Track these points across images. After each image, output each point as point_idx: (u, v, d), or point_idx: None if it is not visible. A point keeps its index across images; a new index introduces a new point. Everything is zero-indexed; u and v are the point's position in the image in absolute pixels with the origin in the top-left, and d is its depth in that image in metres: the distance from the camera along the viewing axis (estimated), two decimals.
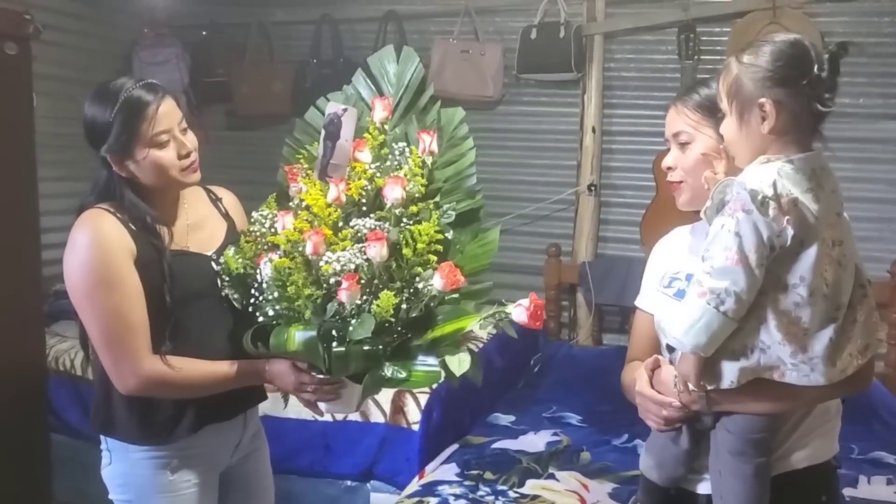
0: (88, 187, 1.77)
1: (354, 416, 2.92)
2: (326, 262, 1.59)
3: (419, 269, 1.62)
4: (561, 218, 4.22)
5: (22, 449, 3.03)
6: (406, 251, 1.61)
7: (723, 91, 1.41)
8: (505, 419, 3.11)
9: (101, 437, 1.82)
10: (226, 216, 1.91)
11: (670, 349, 1.54)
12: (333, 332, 1.59)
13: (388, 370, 1.62)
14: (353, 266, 1.59)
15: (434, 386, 2.97)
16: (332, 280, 1.59)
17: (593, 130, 4.06)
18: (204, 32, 4.50)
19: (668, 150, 1.59)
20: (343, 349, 1.59)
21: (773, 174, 1.32)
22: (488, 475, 2.55)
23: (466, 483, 2.51)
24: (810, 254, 1.33)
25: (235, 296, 1.75)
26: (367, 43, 4.26)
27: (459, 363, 1.61)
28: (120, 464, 1.79)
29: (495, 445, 2.81)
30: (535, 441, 2.86)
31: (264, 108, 4.42)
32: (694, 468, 1.56)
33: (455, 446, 2.82)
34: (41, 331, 3.25)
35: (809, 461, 1.52)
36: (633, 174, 4.09)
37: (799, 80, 1.34)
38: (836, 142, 1.39)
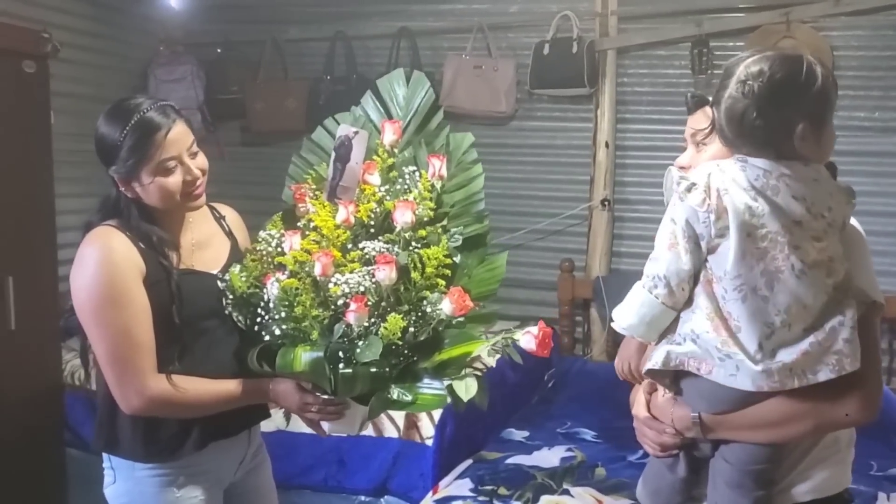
0: (97, 204, 1.78)
1: (368, 431, 2.92)
2: (335, 284, 1.59)
3: (427, 292, 1.62)
4: (574, 233, 4.22)
5: (38, 464, 3.04)
6: (414, 275, 1.61)
7: (718, 130, 1.44)
8: (519, 434, 3.10)
9: (105, 456, 1.81)
10: (229, 234, 1.92)
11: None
12: (340, 354, 1.59)
13: (395, 392, 1.62)
14: (361, 288, 1.59)
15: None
16: (339, 302, 1.59)
17: (606, 145, 4.06)
18: (219, 50, 4.54)
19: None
20: (350, 371, 1.59)
21: (715, 166, 1.36)
22: (502, 491, 2.54)
23: (480, 499, 2.50)
24: (734, 248, 1.30)
25: (238, 315, 1.75)
26: (381, 59, 4.29)
27: (466, 389, 1.61)
28: (124, 482, 1.78)
29: (509, 461, 2.80)
30: (550, 457, 2.85)
31: (278, 125, 4.44)
32: (693, 496, 1.49)
33: (469, 461, 2.81)
34: (57, 346, 3.26)
35: (815, 494, 1.43)
36: (646, 189, 4.08)
37: (725, 90, 1.36)
38: (852, 155, 1.39)
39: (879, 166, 3.65)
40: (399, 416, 2.90)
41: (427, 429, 2.89)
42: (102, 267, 1.64)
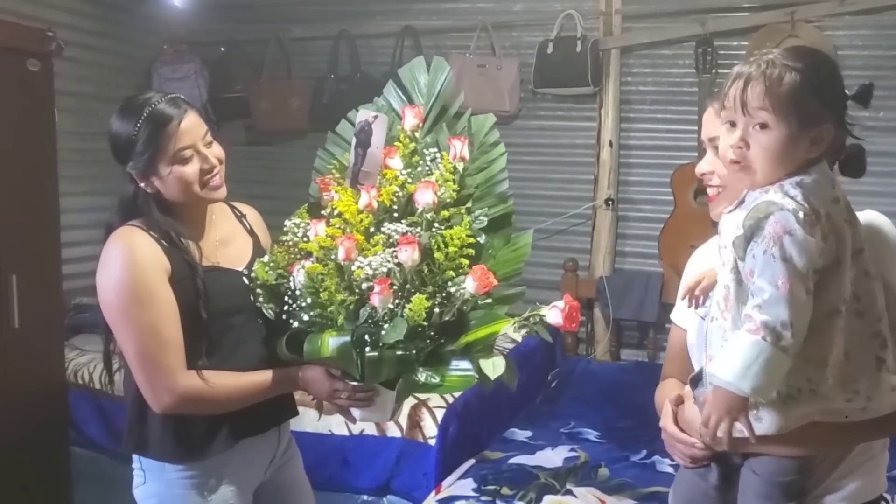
0: (115, 204, 1.77)
1: (371, 431, 2.92)
2: (358, 267, 1.59)
3: (451, 273, 1.61)
4: (578, 232, 4.21)
5: (42, 462, 3.05)
6: (438, 255, 1.61)
7: (776, 97, 1.24)
8: (522, 434, 3.09)
9: (134, 456, 1.80)
10: (251, 232, 1.92)
11: (694, 383, 1.45)
12: (366, 338, 1.59)
13: (422, 375, 1.62)
14: (384, 270, 1.59)
15: (450, 400, 2.97)
16: (364, 285, 1.59)
17: (610, 145, 4.05)
18: (222, 49, 4.54)
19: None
20: (376, 354, 1.59)
21: (796, 191, 1.23)
22: (505, 490, 2.54)
23: (483, 498, 2.49)
24: (847, 271, 1.24)
25: (270, 306, 1.74)
26: (385, 58, 4.30)
27: (494, 367, 1.60)
28: (155, 483, 1.77)
29: (512, 461, 2.80)
30: (553, 457, 2.85)
31: (282, 124, 4.45)
32: (727, 502, 1.46)
33: (472, 461, 2.81)
34: (61, 344, 3.27)
35: (850, 502, 1.40)
36: (650, 188, 4.07)
37: (845, 103, 1.28)
38: None
39: (884, 166, 3.64)
40: (402, 415, 2.90)
41: (430, 428, 2.89)
42: (127, 267, 1.64)
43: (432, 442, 2.87)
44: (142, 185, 1.71)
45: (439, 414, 2.90)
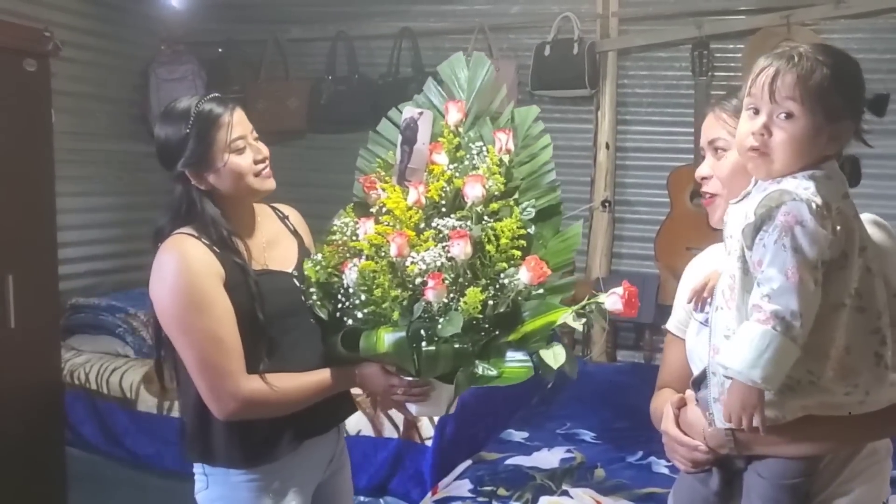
0: (165, 211, 1.75)
1: (368, 432, 2.92)
2: (412, 263, 1.60)
3: (503, 265, 1.62)
4: None
5: (38, 463, 3.04)
6: (489, 248, 1.62)
7: (807, 89, 1.25)
8: (518, 435, 3.10)
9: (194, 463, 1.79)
10: (294, 233, 1.91)
11: (697, 385, 1.44)
12: (422, 332, 1.59)
13: (479, 367, 1.62)
14: (438, 265, 1.60)
15: None
16: (417, 280, 1.60)
17: (607, 147, 4.06)
18: (220, 49, 4.54)
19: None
20: (433, 349, 1.59)
21: (810, 184, 1.23)
22: (502, 491, 2.54)
23: (480, 499, 2.50)
24: (853, 266, 1.24)
25: (322, 304, 1.75)
26: (382, 60, 4.30)
27: (555, 356, 1.61)
28: (219, 487, 1.76)
29: (509, 461, 2.80)
30: (549, 457, 2.85)
31: (280, 125, 4.44)
32: None
33: (468, 462, 2.81)
34: (57, 344, 3.27)
35: None
36: (646, 190, 4.08)
37: (863, 104, 1.30)
38: None
39: (881, 168, 3.65)
40: (399, 416, 2.90)
41: (427, 429, 2.89)
42: (182, 275, 1.63)
43: (429, 443, 2.88)
44: (194, 182, 1.70)
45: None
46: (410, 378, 1.68)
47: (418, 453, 2.87)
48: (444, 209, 1.71)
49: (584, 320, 1.63)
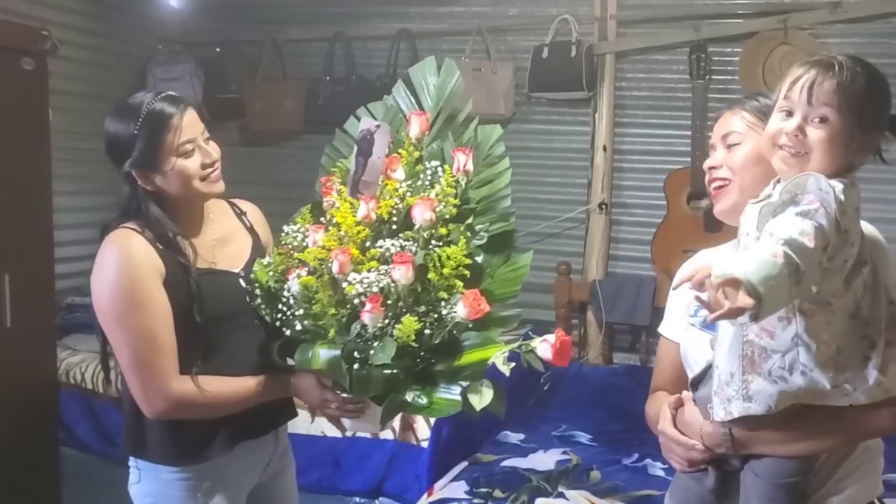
0: (114, 206, 1.76)
1: (364, 433, 2.92)
2: (349, 283, 1.56)
3: (444, 293, 1.57)
4: (571, 236, 4.22)
5: (32, 462, 3.04)
6: (432, 275, 1.56)
7: (845, 96, 1.29)
8: (514, 437, 3.10)
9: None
10: (251, 230, 1.90)
11: (695, 385, 1.47)
12: (356, 354, 1.56)
13: (410, 395, 1.58)
14: (376, 288, 1.55)
15: None
16: (356, 300, 1.56)
17: (604, 149, 4.06)
18: (217, 49, 4.53)
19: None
20: (364, 372, 1.56)
21: (839, 186, 1.26)
22: (497, 493, 2.54)
23: (475, 501, 2.50)
24: (847, 272, 1.27)
25: (266, 310, 1.72)
26: (380, 61, 4.30)
27: (481, 398, 1.55)
28: (150, 483, 1.76)
29: (505, 463, 2.80)
30: (545, 459, 2.85)
31: (277, 125, 4.45)
32: None
33: (464, 464, 2.81)
34: (52, 344, 3.26)
35: None
36: (643, 193, 4.08)
37: (887, 112, 1.33)
38: None
39: (880, 173, 3.64)
40: (395, 418, 2.90)
41: (423, 430, 2.89)
42: (122, 270, 1.63)
43: (425, 444, 2.87)
44: (140, 183, 1.69)
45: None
46: (345, 395, 1.66)
47: (414, 455, 2.87)
48: (394, 227, 1.65)
49: (512, 364, 1.56)
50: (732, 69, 3.84)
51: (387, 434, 2.91)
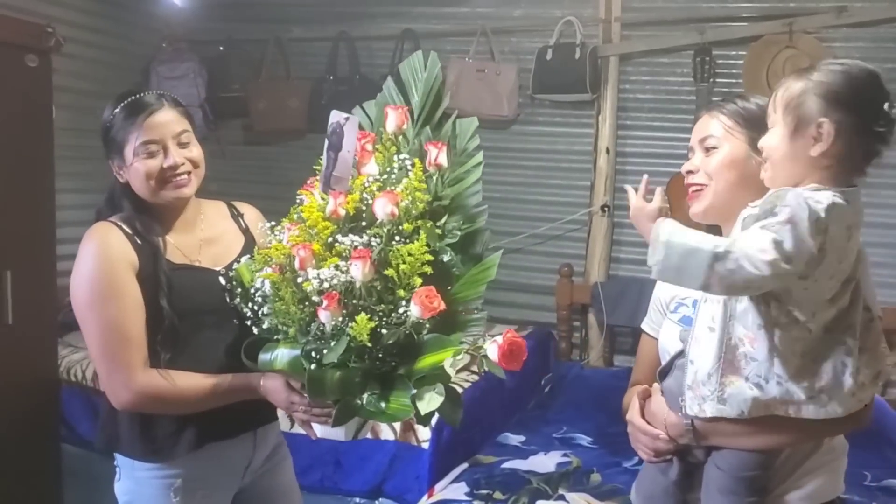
0: (104, 197, 1.80)
1: (365, 433, 2.91)
2: (305, 280, 1.50)
3: (402, 292, 1.49)
4: (574, 238, 4.22)
5: (33, 459, 3.04)
6: (389, 271, 1.49)
7: (780, 103, 1.33)
8: (515, 439, 3.10)
9: (115, 454, 1.81)
10: (245, 231, 1.90)
11: (662, 375, 1.50)
12: (313, 354, 1.52)
13: (366, 399, 1.52)
14: (335, 284, 1.48)
15: None
16: (315, 298, 1.50)
17: (607, 151, 4.06)
18: (221, 48, 4.54)
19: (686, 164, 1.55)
20: (318, 372, 1.51)
21: (828, 200, 1.25)
22: (498, 495, 2.54)
23: (476, 502, 2.50)
24: (822, 288, 1.28)
25: (244, 308, 1.70)
26: (384, 61, 4.30)
27: (428, 402, 1.48)
28: (127, 480, 1.78)
29: (505, 465, 2.80)
30: (546, 462, 2.85)
31: (280, 124, 4.45)
32: (687, 501, 1.49)
33: (465, 465, 2.81)
34: (55, 341, 3.26)
35: (809, 501, 1.44)
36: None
37: (867, 111, 1.28)
38: None
39: (879, 178, 3.64)
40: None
41: (423, 431, 2.89)
42: (96, 262, 1.65)
43: (426, 445, 2.87)
44: (115, 173, 1.73)
45: (434, 417, 2.89)
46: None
47: (415, 456, 2.87)
48: (363, 223, 1.57)
49: (460, 366, 1.51)
50: (737, 72, 3.84)
51: (388, 435, 2.91)
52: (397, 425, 2.90)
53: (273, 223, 1.71)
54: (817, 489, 1.44)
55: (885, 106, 1.28)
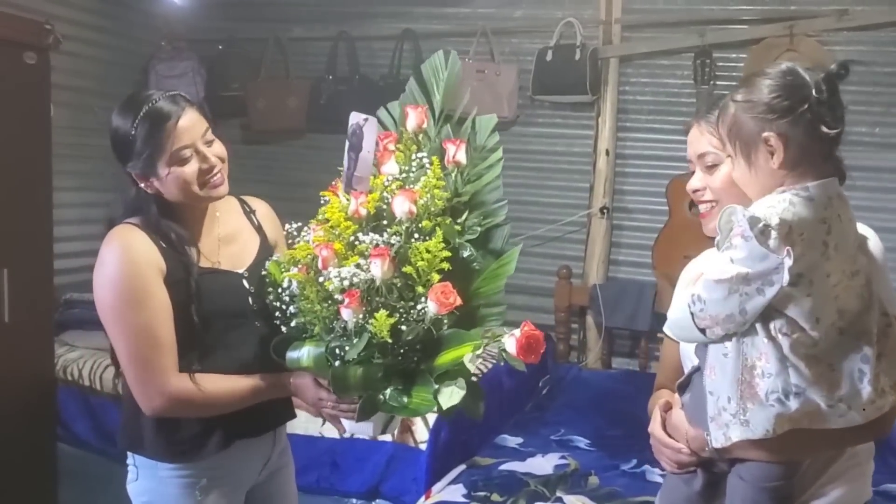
0: (120, 202, 1.75)
1: (362, 434, 2.90)
2: (326, 279, 1.53)
3: (421, 289, 1.53)
4: (573, 240, 4.22)
5: (29, 459, 3.03)
6: (408, 269, 1.52)
7: (724, 133, 1.35)
8: (513, 441, 3.09)
9: (128, 453, 1.79)
10: (258, 229, 1.89)
11: (681, 389, 1.48)
12: (336, 351, 1.55)
13: (388, 394, 1.55)
14: (356, 282, 1.52)
15: None
16: (338, 296, 1.53)
17: (607, 153, 4.06)
18: (221, 47, 4.53)
19: (692, 172, 1.52)
20: (341, 368, 1.54)
21: (784, 202, 1.25)
22: (495, 497, 2.53)
23: None
24: (820, 290, 1.26)
25: (277, 307, 1.69)
26: (384, 61, 4.30)
27: (449, 397, 1.52)
28: (147, 480, 1.76)
29: (503, 467, 2.79)
30: (543, 464, 2.84)
31: (279, 124, 4.44)
32: None
33: (462, 467, 2.80)
34: (51, 340, 3.25)
35: None
36: (645, 198, 4.08)
37: (798, 107, 1.26)
38: (851, 170, 1.35)
39: (879, 182, 3.65)
40: (395, 423, 2.89)
41: (421, 433, 2.88)
42: (122, 266, 1.62)
43: (423, 447, 2.86)
44: (141, 185, 1.69)
45: (431, 419, 2.89)
46: None
47: (412, 457, 2.86)
48: (384, 222, 1.61)
49: (479, 361, 1.55)
50: (737, 75, 3.83)
51: (385, 436, 2.90)
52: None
53: (300, 224, 1.71)
54: (842, 497, 1.43)
55: (813, 93, 1.26)
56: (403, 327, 1.51)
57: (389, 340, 1.50)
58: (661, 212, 3.92)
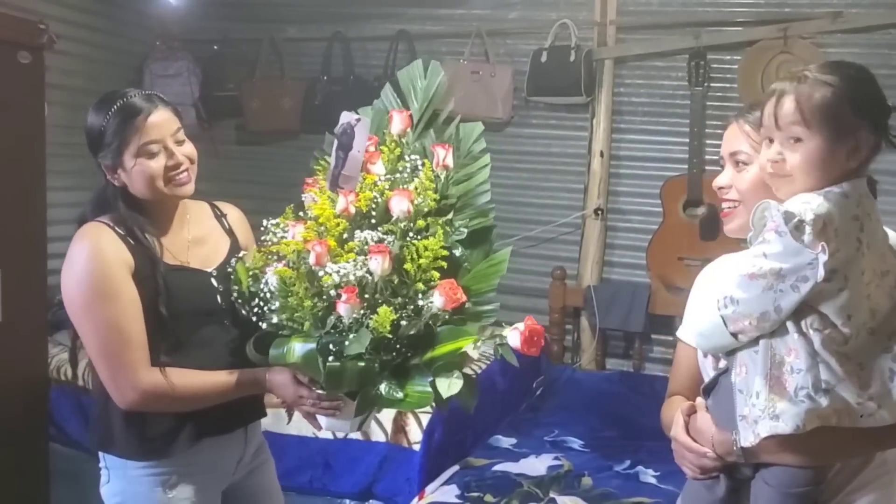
0: (91, 197, 1.79)
1: (355, 434, 2.90)
2: (326, 274, 1.56)
3: (420, 285, 1.58)
4: (567, 241, 4.22)
5: (21, 459, 3.02)
6: (408, 266, 1.57)
7: (807, 111, 1.29)
8: (506, 442, 3.09)
9: (100, 455, 1.80)
10: (229, 232, 1.91)
11: (707, 392, 1.47)
12: (331, 346, 1.57)
13: (384, 388, 1.58)
14: (353, 278, 1.56)
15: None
16: (332, 292, 1.56)
17: (601, 155, 4.06)
18: (215, 47, 4.53)
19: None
20: (337, 364, 1.56)
21: (818, 198, 1.26)
22: (488, 498, 2.54)
23: None
24: (854, 287, 1.26)
25: (244, 305, 1.73)
26: (378, 61, 4.30)
27: (449, 386, 1.57)
28: (118, 481, 1.78)
29: (496, 468, 2.79)
30: (537, 465, 2.84)
31: (274, 124, 4.44)
32: None
33: (456, 468, 2.80)
34: (44, 340, 3.24)
35: None
36: (640, 199, 4.08)
37: (884, 113, 1.30)
38: None
39: (882, 184, 3.65)
40: (387, 419, 2.89)
41: (415, 433, 2.88)
42: (90, 263, 1.65)
43: (416, 447, 2.86)
44: (109, 177, 1.72)
45: (424, 419, 2.89)
46: (321, 391, 1.65)
47: (405, 457, 2.86)
48: (373, 221, 1.67)
49: (481, 349, 1.61)
50: (731, 77, 3.84)
51: (378, 436, 2.90)
52: (388, 426, 2.89)
53: (275, 221, 1.74)
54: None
55: (889, 102, 1.30)
56: (403, 322, 1.55)
57: (390, 336, 1.54)
58: (655, 213, 3.93)
